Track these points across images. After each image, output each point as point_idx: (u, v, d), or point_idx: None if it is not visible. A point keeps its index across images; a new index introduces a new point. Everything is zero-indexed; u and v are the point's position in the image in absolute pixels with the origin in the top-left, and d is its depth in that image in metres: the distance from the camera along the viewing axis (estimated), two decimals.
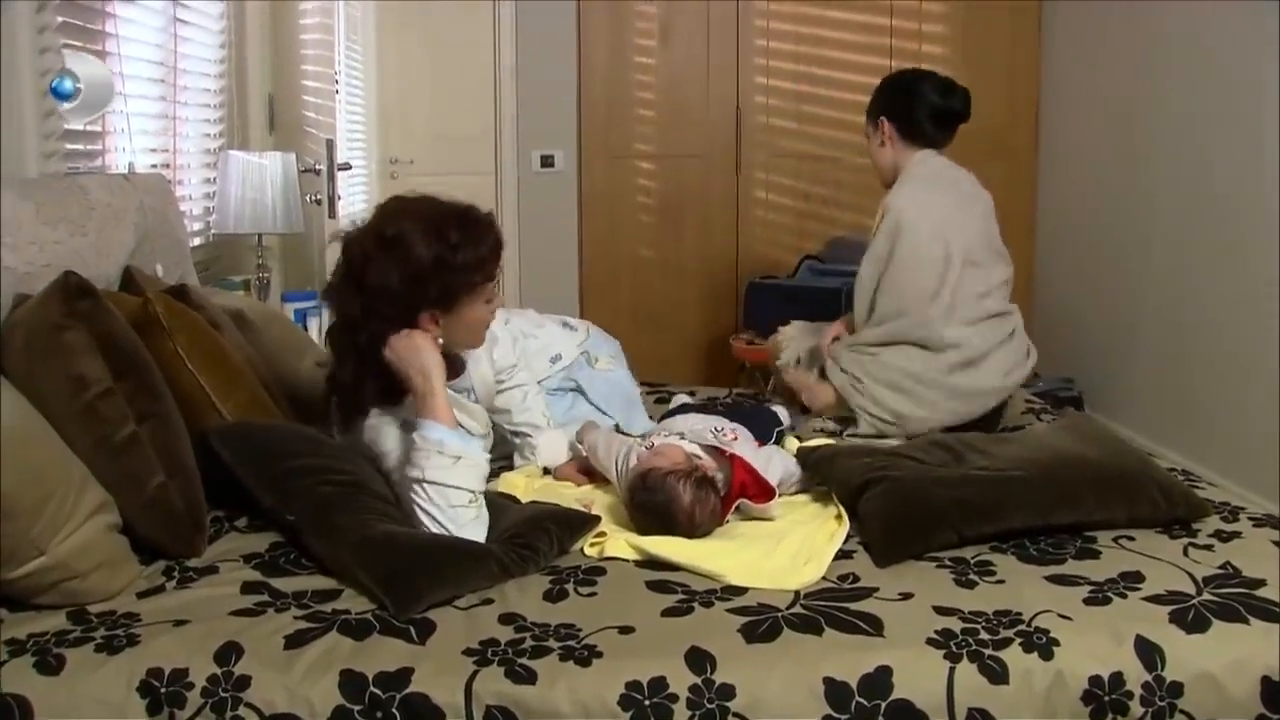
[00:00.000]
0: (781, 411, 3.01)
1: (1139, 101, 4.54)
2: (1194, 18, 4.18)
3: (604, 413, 2.94)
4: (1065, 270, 5.16)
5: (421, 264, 2.22)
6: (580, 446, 2.58)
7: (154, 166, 3.84)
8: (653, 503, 2.19)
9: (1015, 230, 5.33)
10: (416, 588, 1.91)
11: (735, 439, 2.40)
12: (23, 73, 2.93)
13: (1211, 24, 4.08)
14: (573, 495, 2.44)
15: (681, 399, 3.12)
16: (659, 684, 1.69)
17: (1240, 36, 3.90)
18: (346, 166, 4.56)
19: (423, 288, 2.23)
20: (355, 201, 5.48)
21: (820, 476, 2.43)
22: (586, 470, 2.60)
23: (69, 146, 3.23)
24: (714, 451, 2.29)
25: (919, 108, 3.20)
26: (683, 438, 2.38)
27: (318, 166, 4.40)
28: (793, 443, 2.77)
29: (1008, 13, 5.22)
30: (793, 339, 3.50)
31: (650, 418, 3.02)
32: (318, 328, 4.19)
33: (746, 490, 2.21)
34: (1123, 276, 4.67)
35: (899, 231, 3.12)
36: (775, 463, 2.38)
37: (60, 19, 3.10)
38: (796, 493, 2.45)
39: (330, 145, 4.29)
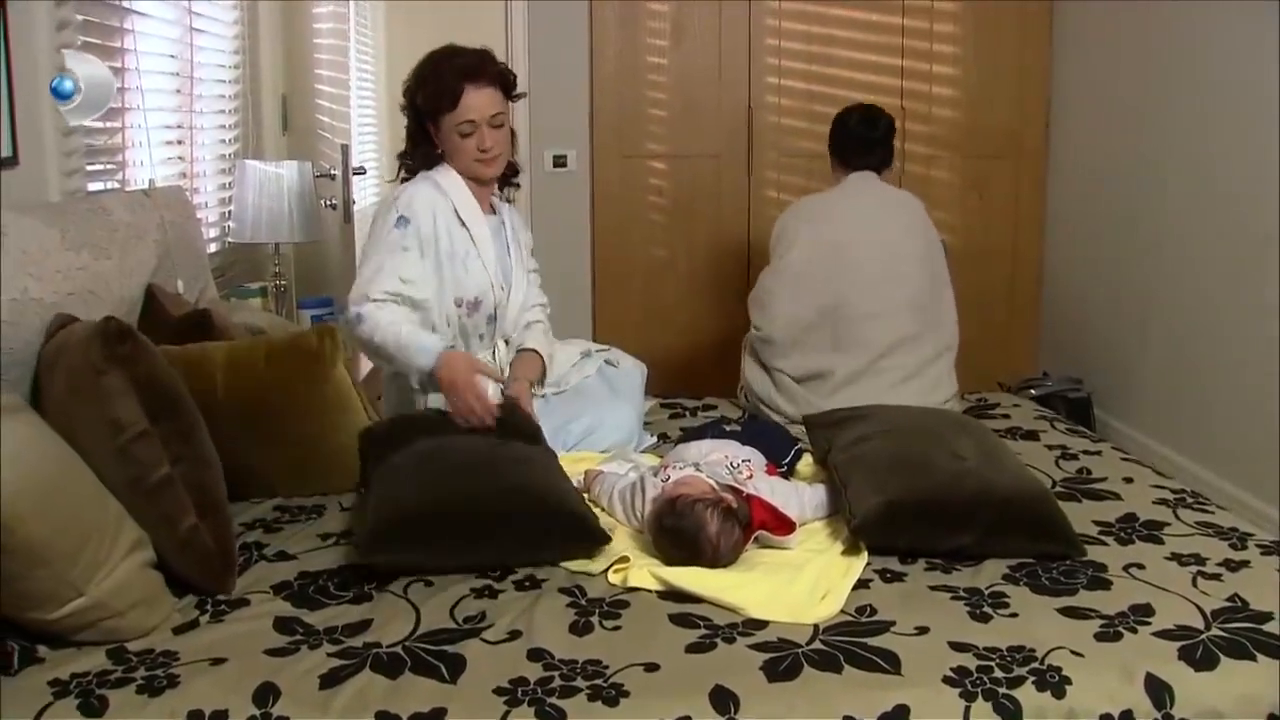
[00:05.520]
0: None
1: (1150, 101, 4.55)
2: (1205, 19, 4.18)
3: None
4: (1074, 270, 5.18)
5: (411, 79, 3.03)
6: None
7: (170, 176, 3.89)
8: (680, 528, 2.23)
9: (1025, 230, 5.39)
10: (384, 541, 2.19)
11: (750, 476, 2.44)
12: (42, 91, 2.97)
13: (1222, 25, 4.09)
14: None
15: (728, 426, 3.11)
16: None
17: (1250, 37, 3.90)
18: (361, 171, 4.60)
19: (412, 97, 3.02)
20: (367, 199, 5.52)
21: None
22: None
23: (89, 166, 3.27)
24: (731, 491, 2.33)
25: (847, 141, 3.65)
26: (697, 469, 2.42)
27: (333, 172, 4.44)
28: (806, 465, 2.81)
29: (1019, 12, 5.22)
30: None
31: (663, 438, 3.11)
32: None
33: (767, 526, 2.26)
34: (1132, 277, 4.69)
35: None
36: (793, 503, 2.42)
37: (81, 39, 3.14)
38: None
39: (345, 150, 4.33)
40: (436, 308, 2.96)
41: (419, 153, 3.05)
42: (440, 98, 2.94)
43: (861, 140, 3.63)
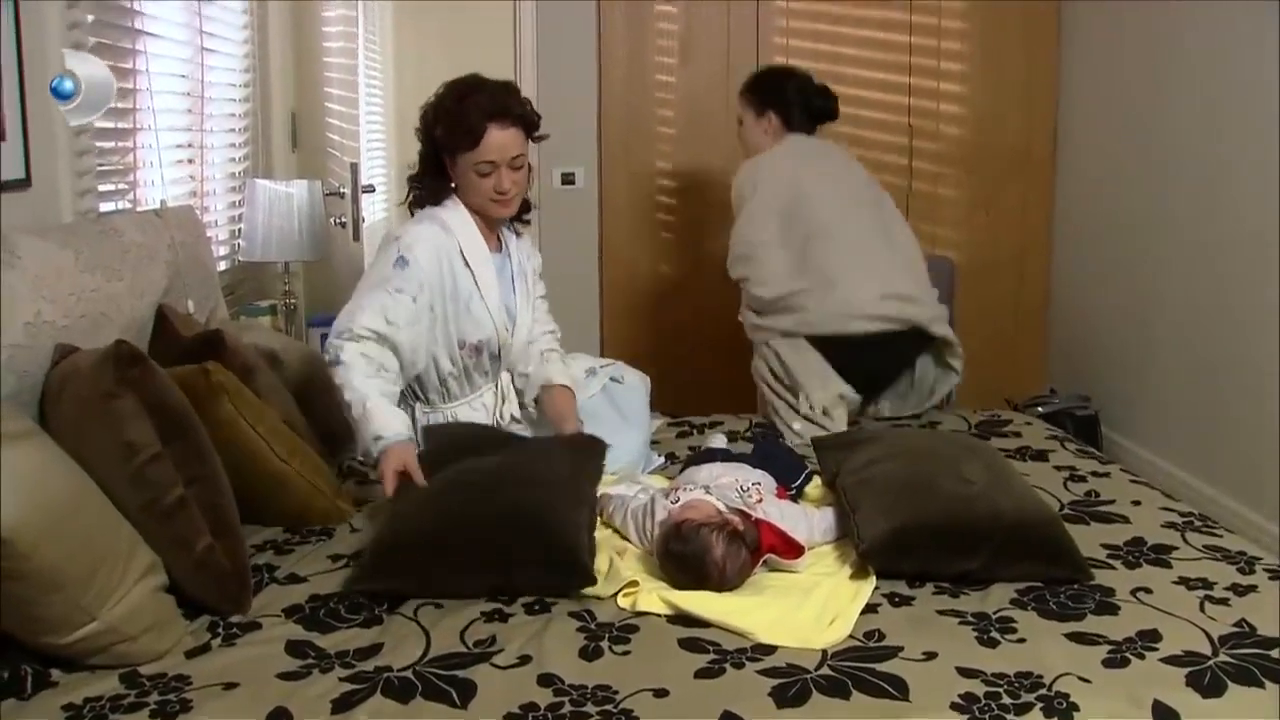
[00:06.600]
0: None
1: (1157, 117, 4.56)
2: (1214, 30, 4.18)
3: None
4: (1083, 287, 5.18)
5: (430, 110, 2.92)
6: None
7: (181, 196, 3.91)
8: (686, 553, 2.24)
9: (1032, 246, 5.40)
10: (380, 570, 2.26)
11: (760, 500, 2.45)
12: (55, 113, 2.99)
13: (1231, 37, 4.08)
14: (608, 544, 2.47)
15: (715, 440, 3.15)
16: None
17: (1260, 49, 3.90)
18: (370, 189, 4.62)
19: (430, 129, 2.92)
20: (376, 213, 5.54)
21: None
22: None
23: (101, 186, 3.30)
24: (740, 515, 2.34)
25: (803, 105, 3.81)
26: (707, 491, 2.43)
27: (342, 190, 4.46)
28: (815, 487, 2.82)
29: (1025, 30, 5.21)
30: None
31: (671, 458, 3.13)
32: None
33: (775, 550, 2.27)
34: (1141, 293, 4.69)
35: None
36: (802, 526, 2.43)
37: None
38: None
39: (354, 169, 4.35)
40: (441, 350, 2.93)
41: (430, 184, 2.99)
42: (461, 135, 2.86)
43: (820, 113, 3.83)
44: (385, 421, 2.68)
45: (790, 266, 3.60)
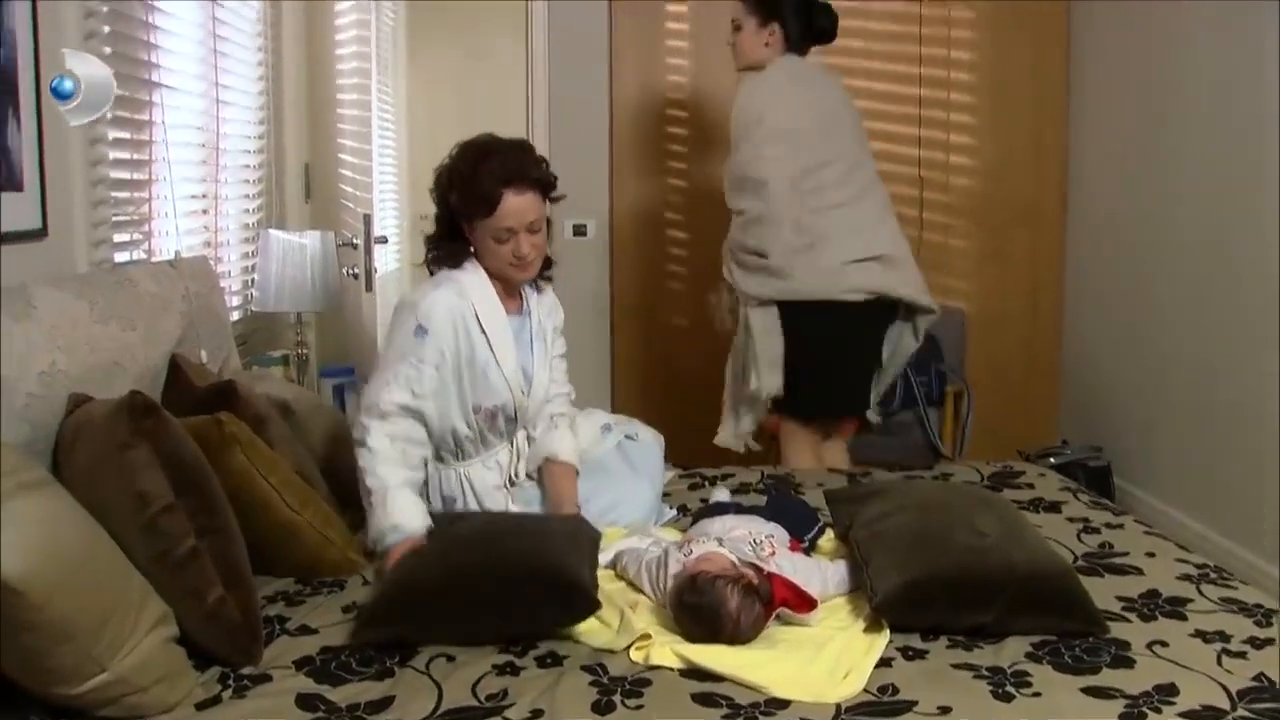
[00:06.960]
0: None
1: (1166, 167, 4.56)
2: (1225, 77, 4.19)
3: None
4: (1094, 337, 5.18)
5: (445, 175, 2.87)
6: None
7: (195, 246, 3.93)
8: (701, 605, 2.23)
9: (1043, 296, 5.40)
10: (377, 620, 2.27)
11: (773, 553, 2.44)
12: (74, 166, 3.03)
13: (1242, 85, 4.10)
14: (620, 597, 2.46)
15: (719, 494, 3.15)
16: None
17: (1260, 104, 3.91)
18: (383, 240, 4.65)
19: (445, 194, 2.87)
20: (389, 264, 5.57)
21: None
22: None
23: (116, 238, 3.32)
24: (753, 568, 2.34)
25: (810, 27, 3.83)
26: (720, 544, 2.42)
27: (355, 241, 4.48)
28: (828, 540, 2.81)
29: (1035, 83, 5.26)
30: None
31: (683, 510, 3.12)
32: (355, 404, 4.26)
33: (788, 603, 2.26)
34: (1153, 343, 4.68)
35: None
36: (815, 580, 2.42)
37: (112, 112, 3.19)
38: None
39: (367, 220, 4.37)
40: (456, 415, 2.89)
41: (447, 247, 2.94)
42: (477, 203, 2.81)
43: (821, 33, 3.85)
44: (404, 511, 2.68)
45: (787, 231, 3.67)
